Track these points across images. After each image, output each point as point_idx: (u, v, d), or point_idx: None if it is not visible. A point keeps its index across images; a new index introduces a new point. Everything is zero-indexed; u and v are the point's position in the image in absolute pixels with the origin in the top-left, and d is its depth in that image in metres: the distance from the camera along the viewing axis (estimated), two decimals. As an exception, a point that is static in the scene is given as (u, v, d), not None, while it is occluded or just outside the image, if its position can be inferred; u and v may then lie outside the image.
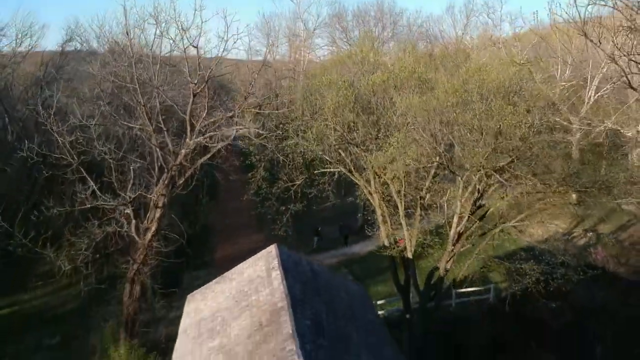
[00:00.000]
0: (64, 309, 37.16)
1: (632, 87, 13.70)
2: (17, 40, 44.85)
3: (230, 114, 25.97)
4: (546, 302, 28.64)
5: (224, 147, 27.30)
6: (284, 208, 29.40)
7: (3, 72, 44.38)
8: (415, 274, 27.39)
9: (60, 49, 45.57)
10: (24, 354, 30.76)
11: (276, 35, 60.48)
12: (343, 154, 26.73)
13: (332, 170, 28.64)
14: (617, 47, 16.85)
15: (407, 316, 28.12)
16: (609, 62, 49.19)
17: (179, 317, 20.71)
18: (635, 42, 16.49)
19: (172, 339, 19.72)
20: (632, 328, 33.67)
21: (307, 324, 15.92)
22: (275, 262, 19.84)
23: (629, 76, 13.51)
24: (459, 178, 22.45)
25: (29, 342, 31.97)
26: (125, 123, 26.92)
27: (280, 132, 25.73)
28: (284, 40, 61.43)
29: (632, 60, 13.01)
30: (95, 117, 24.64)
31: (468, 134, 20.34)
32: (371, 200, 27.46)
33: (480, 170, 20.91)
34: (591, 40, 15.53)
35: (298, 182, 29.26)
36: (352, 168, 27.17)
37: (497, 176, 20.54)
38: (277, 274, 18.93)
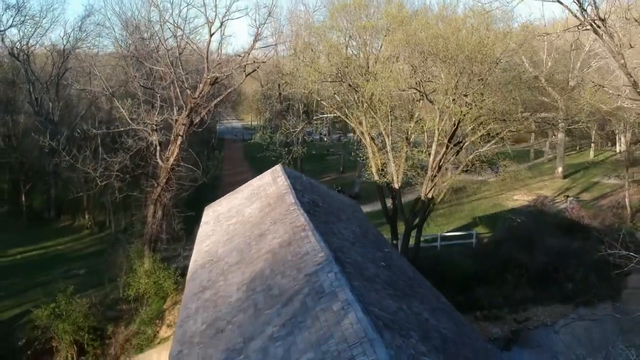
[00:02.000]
0: (87, 251, 41.07)
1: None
2: (41, 13, 48.73)
3: (243, 53, 29.87)
4: (513, 217, 32.13)
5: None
6: (286, 150, 33.05)
7: (28, 43, 48.51)
8: (401, 203, 31.14)
9: (80, 23, 49.51)
10: (53, 282, 34.42)
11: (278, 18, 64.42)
12: (339, 99, 30.60)
13: (329, 116, 32.41)
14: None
15: (394, 242, 31.88)
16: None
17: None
18: None
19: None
20: (599, 271, 37.21)
21: (306, 201, 19.75)
22: (280, 172, 23.76)
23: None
24: (436, 107, 26.27)
25: (58, 274, 35.67)
26: (150, 65, 30.80)
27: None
28: (285, 22, 65.10)
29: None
30: (129, 49, 28.32)
31: (441, 63, 24.14)
32: (363, 140, 31.27)
33: (454, 98, 24.73)
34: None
35: (300, 128, 33.08)
36: (347, 111, 31.02)
37: (466, 99, 24.31)
38: (282, 179, 22.79)
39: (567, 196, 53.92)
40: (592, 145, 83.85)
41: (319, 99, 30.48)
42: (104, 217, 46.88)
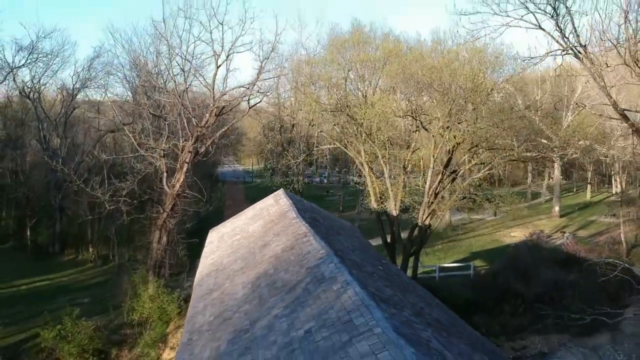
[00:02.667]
0: (91, 282, 41.76)
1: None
2: (52, 54, 50.59)
3: (248, 85, 31.39)
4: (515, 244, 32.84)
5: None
6: (287, 180, 34.18)
7: (40, 81, 50.51)
8: (399, 230, 32.02)
9: (90, 63, 51.43)
10: (57, 310, 34.99)
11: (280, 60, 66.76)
12: (338, 130, 31.92)
13: (329, 147, 33.67)
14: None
15: (393, 268, 32.55)
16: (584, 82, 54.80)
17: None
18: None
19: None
20: (596, 301, 37.76)
21: (307, 217, 20.70)
22: (282, 195, 24.78)
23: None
24: (431, 134, 27.52)
25: (62, 302, 36.24)
26: (158, 97, 32.29)
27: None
28: (286, 63, 67.31)
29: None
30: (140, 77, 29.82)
31: (435, 92, 25.53)
32: (362, 170, 32.44)
33: (448, 126, 26.00)
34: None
35: (300, 159, 34.29)
36: (346, 142, 32.31)
37: (460, 126, 25.59)
38: (283, 200, 23.80)
39: (564, 232, 54.79)
40: (589, 186, 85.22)
41: (319, 131, 31.80)
42: (107, 250, 47.73)
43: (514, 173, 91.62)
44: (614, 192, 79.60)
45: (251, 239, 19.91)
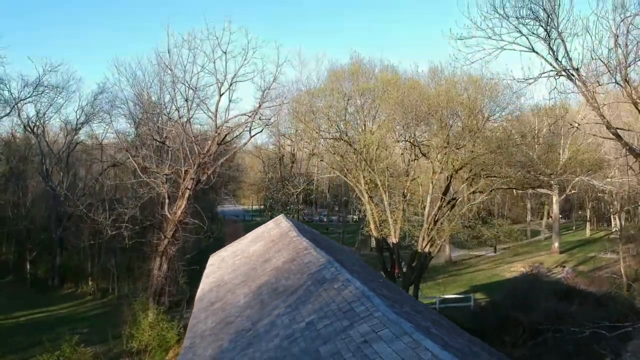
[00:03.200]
0: (91, 313, 41.57)
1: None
2: (57, 90, 51.33)
3: (250, 113, 32.07)
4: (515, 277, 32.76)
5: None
6: (287, 210, 34.48)
7: (43, 117, 51.25)
8: (399, 257, 32.14)
9: (93, 99, 52.22)
10: (56, 340, 34.79)
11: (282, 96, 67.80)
12: (339, 159, 32.42)
13: (329, 175, 34.12)
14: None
15: (394, 297, 32.54)
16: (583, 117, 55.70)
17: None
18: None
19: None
20: (599, 333, 37.55)
21: (308, 237, 20.97)
22: (283, 219, 25.09)
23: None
24: (430, 160, 27.98)
25: (61, 332, 36.05)
26: (161, 125, 32.91)
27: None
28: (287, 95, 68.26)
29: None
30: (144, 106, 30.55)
31: (433, 120, 26.15)
32: (361, 198, 32.80)
33: (446, 152, 26.52)
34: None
35: (300, 189, 34.68)
36: (346, 172, 32.77)
37: (457, 150, 26.08)
38: (284, 223, 24.11)
39: (564, 266, 54.77)
40: (588, 223, 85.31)
41: (320, 160, 32.32)
42: (106, 284, 47.66)
43: (514, 210, 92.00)
44: (613, 229, 79.68)
45: (252, 258, 20.14)
